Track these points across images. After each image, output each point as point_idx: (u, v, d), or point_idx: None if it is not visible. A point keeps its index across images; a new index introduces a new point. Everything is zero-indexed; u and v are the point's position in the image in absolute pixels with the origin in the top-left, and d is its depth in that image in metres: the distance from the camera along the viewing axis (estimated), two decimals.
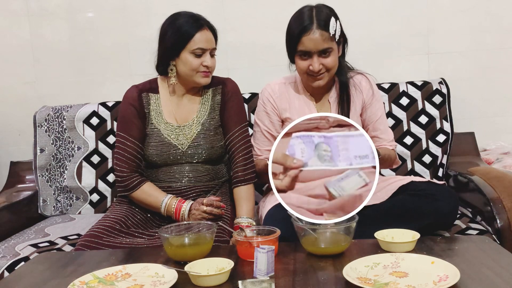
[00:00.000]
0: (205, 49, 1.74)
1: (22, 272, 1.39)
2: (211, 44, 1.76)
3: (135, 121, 1.81)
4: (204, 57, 1.75)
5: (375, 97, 1.83)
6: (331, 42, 1.66)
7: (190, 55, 1.73)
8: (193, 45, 1.73)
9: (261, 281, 1.11)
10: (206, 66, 1.75)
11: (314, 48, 1.65)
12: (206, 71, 1.76)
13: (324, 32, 1.64)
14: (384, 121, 1.86)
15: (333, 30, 1.64)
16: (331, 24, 1.64)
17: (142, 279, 1.23)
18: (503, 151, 2.33)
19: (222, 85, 1.88)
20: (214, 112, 1.86)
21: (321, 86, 1.74)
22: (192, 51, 1.73)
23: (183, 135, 1.81)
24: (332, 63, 1.69)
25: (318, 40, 1.64)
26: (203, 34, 1.74)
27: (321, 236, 1.33)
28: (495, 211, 1.68)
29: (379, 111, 1.84)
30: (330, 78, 1.74)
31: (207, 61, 1.75)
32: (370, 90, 1.82)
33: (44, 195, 2.30)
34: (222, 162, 1.93)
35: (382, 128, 1.84)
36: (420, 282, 1.11)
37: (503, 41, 2.41)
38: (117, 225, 1.67)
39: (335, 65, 1.70)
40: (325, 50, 1.66)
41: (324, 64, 1.68)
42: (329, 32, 1.63)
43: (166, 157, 1.80)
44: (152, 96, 1.85)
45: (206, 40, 1.74)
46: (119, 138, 1.81)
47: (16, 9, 2.55)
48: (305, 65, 1.69)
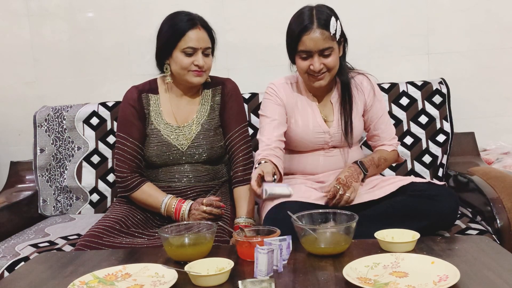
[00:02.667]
0: (196, 48, 1.74)
1: (22, 272, 1.39)
2: (204, 43, 1.76)
3: (135, 122, 1.81)
4: (196, 56, 1.75)
5: (377, 97, 1.83)
6: (332, 41, 1.65)
7: (181, 54, 1.74)
8: (183, 44, 1.73)
9: (261, 281, 1.11)
10: (197, 65, 1.75)
11: (315, 48, 1.65)
12: (198, 70, 1.76)
13: (324, 31, 1.63)
14: (385, 120, 1.85)
15: (333, 29, 1.64)
16: (332, 23, 1.63)
17: (142, 279, 1.23)
18: (503, 151, 2.33)
19: (221, 86, 1.89)
20: (213, 113, 1.86)
21: (322, 87, 1.74)
22: (182, 50, 1.73)
23: (183, 136, 1.81)
24: (333, 63, 1.68)
25: (319, 39, 1.63)
26: (195, 33, 1.74)
27: (321, 236, 1.33)
28: (495, 211, 1.68)
29: (380, 110, 1.84)
30: (331, 78, 1.73)
31: (199, 60, 1.74)
32: (372, 91, 1.82)
33: (44, 195, 2.30)
34: (222, 162, 1.93)
35: (383, 127, 1.84)
36: (420, 282, 1.11)
37: (503, 41, 2.41)
38: (117, 225, 1.67)
39: (336, 65, 1.70)
40: (326, 50, 1.65)
41: (325, 64, 1.67)
42: (330, 32, 1.63)
43: (166, 158, 1.80)
44: (152, 97, 1.85)
45: (197, 39, 1.74)
46: (119, 139, 1.82)
47: (16, 9, 2.55)
48: (306, 65, 1.69)
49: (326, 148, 1.80)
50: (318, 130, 1.77)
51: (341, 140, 1.79)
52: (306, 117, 1.79)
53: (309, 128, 1.77)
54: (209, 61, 1.80)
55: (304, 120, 1.79)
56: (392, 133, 1.87)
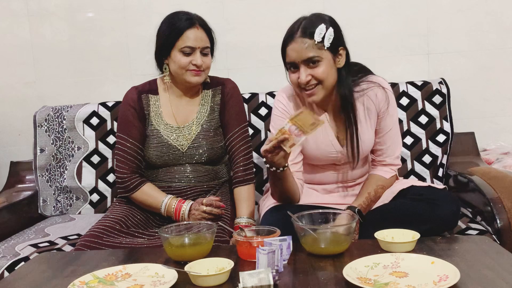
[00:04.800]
0: (194, 47, 1.74)
1: (22, 272, 1.39)
2: (202, 42, 1.76)
3: (135, 122, 1.81)
4: (194, 55, 1.74)
5: (389, 112, 1.68)
6: (318, 50, 1.52)
7: (179, 53, 1.74)
8: (181, 44, 1.73)
9: (258, 272, 1.12)
10: (195, 64, 1.74)
11: (298, 58, 1.53)
12: (196, 70, 1.76)
13: (306, 40, 1.52)
14: (392, 136, 1.71)
15: (319, 37, 1.51)
16: (318, 31, 1.51)
17: (142, 279, 1.23)
18: (503, 151, 2.33)
19: (221, 86, 1.89)
20: (213, 113, 1.86)
21: (316, 101, 1.60)
22: (181, 49, 1.73)
23: (182, 136, 1.81)
24: (321, 74, 1.53)
25: (301, 48, 1.52)
26: (193, 32, 1.74)
27: (321, 236, 1.33)
28: (495, 211, 1.68)
29: (388, 126, 1.69)
30: (326, 92, 1.59)
31: (197, 59, 1.74)
32: (385, 104, 1.67)
33: (44, 195, 2.30)
34: (222, 163, 1.93)
35: (389, 144, 1.71)
36: (420, 282, 1.11)
37: (503, 41, 2.41)
38: (117, 225, 1.67)
39: (326, 76, 1.55)
40: (311, 60, 1.52)
41: (313, 75, 1.54)
42: (314, 40, 1.51)
43: (166, 158, 1.80)
44: (151, 97, 1.86)
45: (195, 38, 1.74)
46: (119, 140, 1.82)
47: (16, 9, 2.55)
48: (295, 78, 1.57)
49: (338, 165, 1.73)
50: (330, 150, 1.67)
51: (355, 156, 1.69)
52: (317, 136, 1.65)
53: (321, 147, 1.68)
54: (208, 60, 1.79)
55: (315, 138, 1.66)
56: (396, 151, 1.73)
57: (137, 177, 1.79)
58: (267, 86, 2.35)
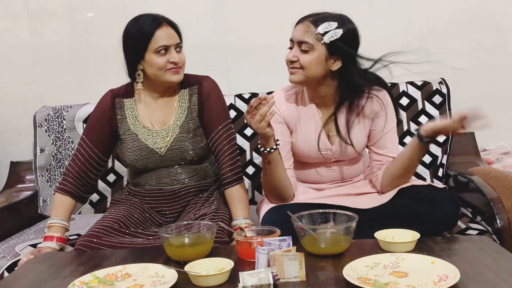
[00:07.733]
0: (168, 45, 1.71)
1: (22, 272, 1.39)
2: (174, 39, 1.74)
3: (97, 126, 1.80)
4: (170, 53, 1.72)
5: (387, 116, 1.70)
6: (315, 40, 1.57)
7: (154, 55, 1.71)
8: (155, 45, 1.70)
9: (258, 272, 1.13)
10: (173, 62, 1.72)
11: (295, 37, 1.61)
12: (175, 67, 1.73)
13: (310, 25, 1.58)
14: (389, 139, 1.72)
15: (322, 29, 1.56)
16: (325, 24, 1.57)
17: (142, 279, 1.23)
18: (503, 151, 2.33)
19: (198, 85, 1.83)
20: (191, 114, 1.81)
21: (293, 82, 1.65)
22: (155, 50, 1.70)
23: (161, 139, 1.78)
24: (306, 62, 1.59)
25: (302, 30, 1.59)
26: (163, 31, 1.72)
27: (321, 236, 1.33)
28: (495, 211, 1.68)
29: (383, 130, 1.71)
30: (304, 79, 1.62)
31: (174, 57, 1.72)
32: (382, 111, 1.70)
33: (44, 195, 2.30)
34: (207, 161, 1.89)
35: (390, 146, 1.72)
36: (420, 282, 1.11)
37: (503, 41, 2.41)
38: (117, 225, 1.66)
39: (309, 66, 1.59)
40: (303, 43, 1.58)
41: (299, 59, 1.60)
42: (316, 29, 1.57)
43: (146, 162, 1.78)
44: (126, 101, 1.83)
45: (167, 36, 1.72)
46: (80, 141, 1.82)
47: (16, 9, 2.55)
48: (288, 54, 1.65)
49: (329, 163, 1.75)
50: (320, 147, 1.70)
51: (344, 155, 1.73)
52: (309, 133, 1.71)
53: (311, 145, 1.71)
54: (183, 56, 1.77)
55: (306, 136, 1.71)
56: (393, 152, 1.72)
57: (68, 182, 1.77)
58: (267, 86, 2.34)
